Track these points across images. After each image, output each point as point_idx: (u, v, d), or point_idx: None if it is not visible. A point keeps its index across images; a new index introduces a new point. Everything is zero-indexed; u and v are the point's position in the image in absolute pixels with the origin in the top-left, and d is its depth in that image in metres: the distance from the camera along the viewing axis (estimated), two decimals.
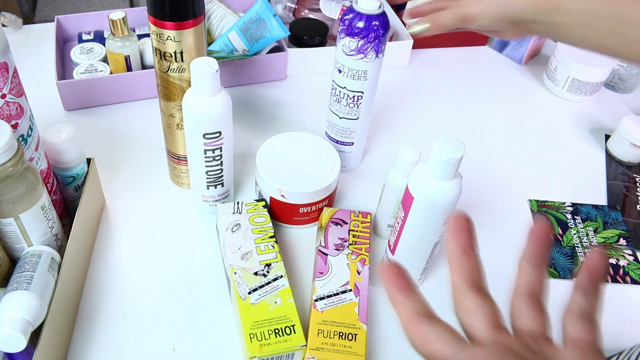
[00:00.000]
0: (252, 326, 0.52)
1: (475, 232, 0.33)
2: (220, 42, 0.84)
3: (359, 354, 0.52)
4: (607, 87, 0.98)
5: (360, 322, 0.54)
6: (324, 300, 0.56)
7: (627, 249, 0.70)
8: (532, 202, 0.74)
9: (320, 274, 0.58)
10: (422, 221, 0.52)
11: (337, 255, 0.60)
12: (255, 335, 0.51)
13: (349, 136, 0.71)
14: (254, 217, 0.61)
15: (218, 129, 0.57)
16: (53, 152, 0.56)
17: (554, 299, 0.64)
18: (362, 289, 0.57)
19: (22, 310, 0.44)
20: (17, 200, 0.47)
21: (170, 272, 0.61)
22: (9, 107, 0.47)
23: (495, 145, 0.83)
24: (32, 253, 0.50)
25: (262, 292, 0.54)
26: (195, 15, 0.54)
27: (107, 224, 0.65)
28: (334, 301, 0.56)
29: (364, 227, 0.63)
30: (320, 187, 0.63)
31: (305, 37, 0.88)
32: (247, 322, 0.52)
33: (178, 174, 0.68)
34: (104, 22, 0.89)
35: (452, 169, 0.48)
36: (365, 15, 0.59)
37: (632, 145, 0.81)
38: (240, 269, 0.56)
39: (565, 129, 0.88)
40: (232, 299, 0.57)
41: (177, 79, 0.58)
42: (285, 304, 0.54)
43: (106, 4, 2.50)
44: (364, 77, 0.64)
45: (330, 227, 0.63)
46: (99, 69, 0.79)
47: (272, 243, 0.59)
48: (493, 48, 1.03)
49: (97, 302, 0.57)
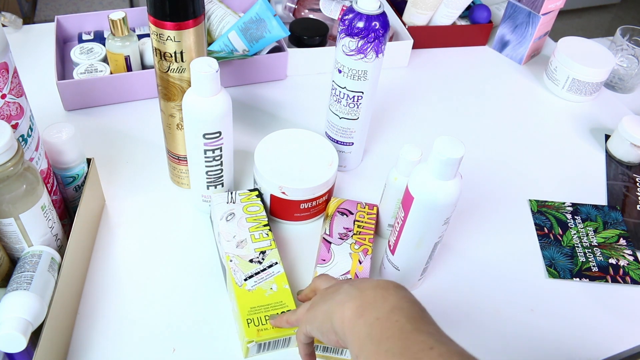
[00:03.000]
0: (249, 312, 0.53)
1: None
2: (220, 42, 0.84)
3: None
4: (607, 87, 0.98)
5: None
6: None
7: (627, 249, 0.70)
8: (532, 202, 0.74)
9: (322, 261, 0.59)
10: (422, 221, 0.52)
11: (340, 244, 0.61)
12: (252, 320, 0.52)
13: (349, 136, 0.71)
14: (247, 207, 0.62)
15: (218, 129, 0.57)
16: (53, 152, 0.56)
17: (554, 298, 0.65)
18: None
19: (22, 310, 0.44)
20: (17, 200, 0.47)
21: (170, 272, 0.61)
22: (9, 107, 0.47)
23: (495, 145, 0.83)
24: (32, 253, 0.50)
25: (258, 279, 0.56)
26: (195, 15, 0.54)
27: (107, 224, 0.65)
28: None
29: (369, 218, 0.64)
30: (320, 182, 0.63)
31: (305, 37, 0.88)
32: (244, 308, 0.53)
33: (178, 174, 0.68)
34: (104, 22, 0.89)
35: (452, 169, 0.48)
36: (365, 15, 0.59)
37: (632, 145, 0.81)
38: (236, 256, 0.57)
39: (565, 129, 0.88)
40: (228, 287, 0.57)
41: (177, 79, 0.58)
42: (281, 290, 0.55)
43: (106, 4, 2.50)
44: (364, 77, 0.64)
45: (336, 216, 0.64)
46: (99, 69, 0.79)
47: (267, 231, 0.60)
48: (493, 48, 1.03)
49: (97, 302, 0.57)
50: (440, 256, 0.66)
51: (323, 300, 0.44)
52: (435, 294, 0.62)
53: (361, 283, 0.43)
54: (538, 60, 1.02)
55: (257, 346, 0.52)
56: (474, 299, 0.62)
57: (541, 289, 0.64)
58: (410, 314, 0.39)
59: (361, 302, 0.40)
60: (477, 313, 0.61)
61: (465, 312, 0.61)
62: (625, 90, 0.98)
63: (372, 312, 0.39)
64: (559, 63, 0.91)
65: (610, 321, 0.62)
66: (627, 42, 0.94)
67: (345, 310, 0.40)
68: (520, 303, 0.62)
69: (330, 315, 0.42)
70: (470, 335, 0.59)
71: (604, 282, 0.66)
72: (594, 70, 0.88)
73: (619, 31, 0.96)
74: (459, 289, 0.63)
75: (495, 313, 0.61)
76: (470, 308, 0.61)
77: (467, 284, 0.64)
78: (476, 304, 0.62)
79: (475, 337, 0.59)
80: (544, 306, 0.62)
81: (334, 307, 0.42)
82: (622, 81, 0.97)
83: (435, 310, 0.61)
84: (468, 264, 0.66)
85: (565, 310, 0.62)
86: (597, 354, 0.59)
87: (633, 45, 0.93)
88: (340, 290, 0.43)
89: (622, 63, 0.95)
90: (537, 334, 0.60)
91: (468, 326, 0.60)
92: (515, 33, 0.99)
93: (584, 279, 0.66)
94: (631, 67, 0.94)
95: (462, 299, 0.62)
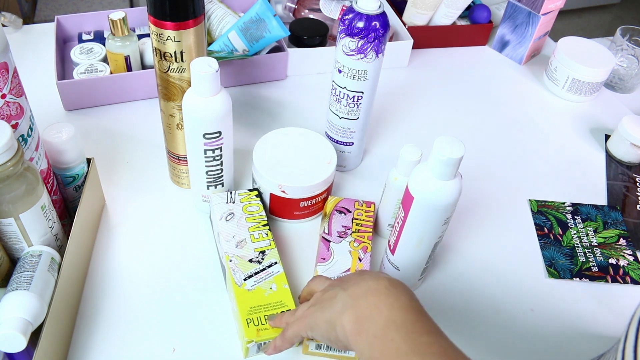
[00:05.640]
0: (248, 312, 0.53)
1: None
2: (220, 42, 0.84)
3: None
4: (607, 87, 0.98)
5: None
6: None
7: (627, 249, 0.70)
8: (532, 202, 0.74)
9: (322, 260, 0.59)
10: (422, 221, 0.52)
11: (339, 242, 0.61)
12: (252, 320, 0.52)
13: (349, 136, 0.71)
14: (247, 206, 0.62)
15: (218, 129, 0.57)
16: (53, 152, 0.56)
17: (554, 298, 0.65)
18: None
19: (22, 310, 0.44)
20: (17, 200, 0.47)
21: (170, 272, 0.61)
22: (9, 107, 0.47)
23: (495, 145, 0.83)
24: (32, 253, 0.50)
25: (258, 279, 0.56)
26: (195, 15, 0.54)
27: (107, 224, 0.65)
28: None
29: (367, 215, 0.64)
30: (320, 180, 0.64)
31: (305, 37, 0.88)
32: (243, 308, 0.53)
33: (178, 174, 0.68)
34: (104, 22, 0.89)
35: (452, 169, 0.48)
36: (365, 15, 0.59)
37: (632, 145, 0.81)
38: (235, 256, 0.57)
39: (565, 129, 0.88)
40: (228, 286, 0.57)
41: (177, 79, 0.58)
42: (281, 290, 0.55)
43: (106, 4, 2.50)
44: (364, 77, 0.64)
45: (335, 215, 0.64)
46: (99, 69, 0.79)
47: (266, 231, 0.60)
48: (493, 48, 1.03)
49: (97, 302, 0.57)
50: (440, 256, 0.66)
51: (321, 308, 0.45)
52: (435, 294, 0.62)
53: (354, 287, 0.44)
54: (538, 60, 1.02)
55: (257, 346, 0.52)
56: (474, 299, 0.62)
57: (541, 289, 0.64)
58: (405, 329, 0.40)
59: (357, 315, 0.42)
60: (477, 313, 0.61)
61: (465, 312, 0.61)
62: (625, 90, 0.98)
63: (370, 328, 0.41)
64: (559, 63, 0.91)
65: (610, 321, 0.62)
66: (627, 42, 0.94)
67: (344, 324, 0.42)
68: (520, 303, 0.62)
69: (333, 325, 0.43)
70: (471, 335, 0.59)
71: (604, 282, 0.66)
72: (594, 70, 0.88)
73: (619, 31, 0.96)
74: (459, 288, 0.63)
75: (495, 313, 0.61)
76: (470, 308, 0.61)
77: (467, 284, 0.64)
78: (476, 304, 0.62)
79: (475, 337, 0.59)
80: (544, 306, 0.62)
81: (334, 317, 0.43)
82: (622, 81, 0.97)
83: (435, 310, 0.61)
84: (468, 264, 0.66)
85: (565, 310, 0.62)
86: (597, 354, 0.59)
87: (633, 45, 0.93)
88: (336, 298, 0.44)
89: (622, 63, 0.95)
90: (537, 334, 0.60)
91: (468, 326, 0.60)
92: (515, 33, 0.99)
93: (584, 279, 0.66)
94: (631, 67, 0.94)
95: (462, 298, 0.62)
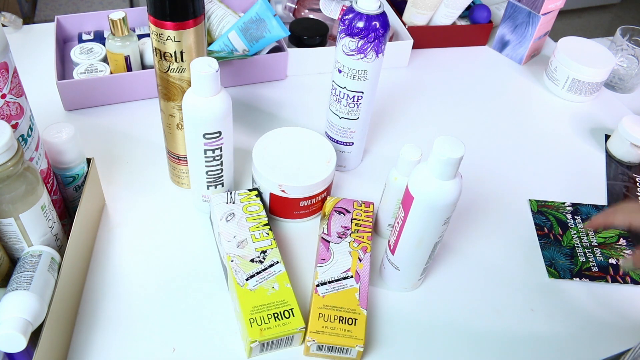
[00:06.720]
0: (251, 311, 0.53)
1: None
2: (220, 42, 0.84)
3: (358, 337, 0.53)
4: (607, 87, 0.98)
5: (360, 307, 0.55)
6: (325, 286, 0.57)
7: (627, 249, 0.70)
8: (532, 202, 0.74)
9: (322, 260, 0.59)
10: (422, 221, 0.52)
11: (339, 242, 0.61)
12: (255, 320, 0.52)
13: (349, 136, 0.71)
14: (247, 206, 0.62)
15: (218, 129, 0.57)
16: (53, 152, 0.56)
17: (554, 298, 0.64)
18: (363, 276, 0.58)
19: (22, 310, 0.44)
20: (17, 200, 0.47)
21: (170, 272, 0.61)
22: (9, 107, 0.47)
23: (495, 145, 0.83)
24: (32, 253, 0.50)
25: (260, 278, 0.56)
26: (195, 15, 0.54)
27: (107, 224, 0.65)
28: (335, 287, 0.57)
29: (366, 216, 0.64)
30: (319, 179, 0.64)
31: (305, 37, 0.88)
32: (246, 308, 0.53)
33: (178, 174, 0.68)
34: (104, 22, 0.89)
35: (452, 169, 0.48)
36: (365, 15, 0.59)
37: (632, 145, 0.81)
38: (237, 256, 0.57)
39: (565, 129, 0.88)
40: (230, 287, 0.57)
41: (177, 79, 0.58)
42: (283, 289, 0.55)
43: (106, 4, 2.50)
44: (364, 77, 0.64)
45: (334, 215, 0.64)
46: (99, 69, 0.79)
47: (267, 230, 0.60)
48: (493, 48, 1.03)
49: (97, 302, 0.57)
50: (440, 256, 0.66)
51: None
52: (435, 294, 0.62)
53: None
54: (538, 60, 1.02)
55: (260, 346, 0.52)
56: (474, 299, 0.62)
57: (541, 289, 0.64)
58: None
59: None
60: (477, 313, 0.61)
61: (465, 312, 0.61)
62: (625, 90, 0.98)
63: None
64: (559, 63, 0.91)
65: (610, 321, 0.62)
66: (627, 42, 0.94)
67: None
68: (520, 303, 0.62)
69: None
70: (470, 335, 0.59)
71: (604, 282, 0.66)
72: (594, 70, 0.88)
73: (619, 31, 0.96)
74: (459, 288, 0.63)
75: (495, 313, 0.61)
76: (470, 308, 0.61)
77: (467, 284, 0.64)
78: (476, 304, 0.62)
79: (475, 337, 0.59)
80: (544, 306, 0.62)
81: None
82: (622, 81, 0.97)
83: (435, 310, 0.61)
84: (468, 264, 0.66)
85: (565, 310, 0.62)
86: (597, 354, 0.59)
87: (633, 45, 0.93)
88: None
89: (622, 63, 0.95)
90: (537, 334, 0.60)
91: (468, 326, 0.60)
92: (515, 33, 0.99)
93: (584, 279, 0.66)
94: (631, 67, 0.94)
95: (462, 298, 0.62)
